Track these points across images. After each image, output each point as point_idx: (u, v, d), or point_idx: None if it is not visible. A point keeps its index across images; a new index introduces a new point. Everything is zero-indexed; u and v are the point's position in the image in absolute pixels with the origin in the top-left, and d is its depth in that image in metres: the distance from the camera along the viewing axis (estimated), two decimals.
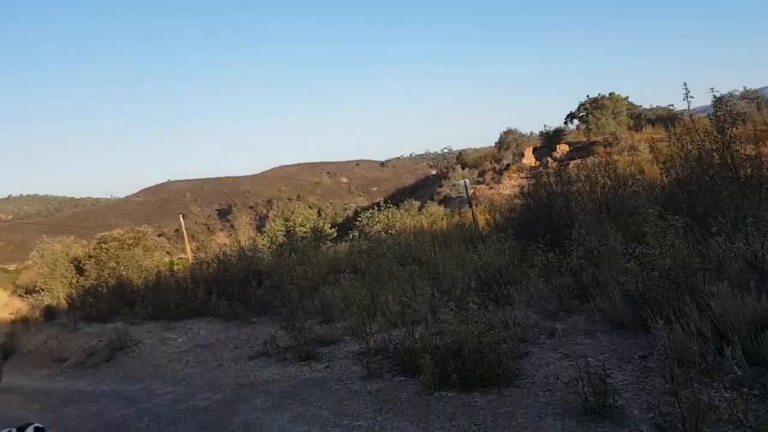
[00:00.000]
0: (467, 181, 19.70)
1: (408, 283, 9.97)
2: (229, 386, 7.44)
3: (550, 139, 49.49)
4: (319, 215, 40.86)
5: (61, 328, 13.61)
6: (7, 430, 5.14)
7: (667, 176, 10.21)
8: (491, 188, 45.15)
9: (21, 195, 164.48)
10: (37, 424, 5.19)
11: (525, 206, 11.78)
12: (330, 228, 29.11)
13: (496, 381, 5.45)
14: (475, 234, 15.53)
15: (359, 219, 31.24)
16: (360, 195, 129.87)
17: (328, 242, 22.73)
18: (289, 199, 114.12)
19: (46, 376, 10.87)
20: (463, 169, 58.23)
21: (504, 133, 55.51)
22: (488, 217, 18.53)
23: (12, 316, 19.02)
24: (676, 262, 5.97)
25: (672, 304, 5.64)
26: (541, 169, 12.41)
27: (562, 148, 46.15)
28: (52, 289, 22.09)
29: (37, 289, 25.88)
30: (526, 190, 12.23)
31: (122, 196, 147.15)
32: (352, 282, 11.33)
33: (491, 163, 53.28)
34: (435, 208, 38.37)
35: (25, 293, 31.23)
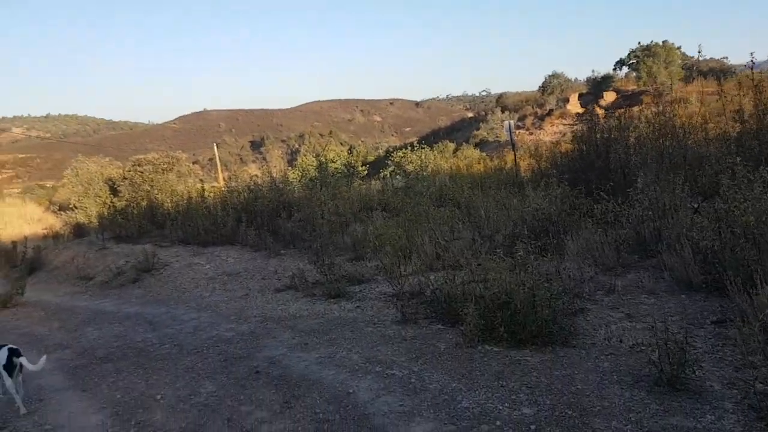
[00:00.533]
0: (512, 122, 18.63)
1: (445, 225, 9.39)
2: (255, 318, 7.06)
3: (598, 85, 47.26)
4: (350, 153, 40.13)
5: (90, 246, 13.47)
6: None
7: (740, 125, 9.31)
8: (531, 134, 43.69)
9: (59, 114, 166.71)
10: (11, 346, 4.79)
11: (577, 152, 10.97)
12: (361, 166, 28.57)
13: (550, 339, 4.89)
14: (516, 179, 14.82)
15: (392, 158, 30.57)
16: (393, 135, 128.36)
17: (358, 180, 22.19)
18: (321, 135, 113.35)
19: (71, 294, 10.74)
20: (502, 112, 56.32)
21: (549, 76, 52.76)
22: (531, 162, 17.67)
23: (44, 231, 19.19)
24: (761, 218, 5.24)
25: (753, 266, 4.95)
26: (587, 116, 11.45)
27: (609, 96, 44.16)
28: (86, 207, 22.26)
29: (70, 206, 26.16)
30: (579, 134, 11.37)
31: (159, 122, 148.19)
32: (386, 220, 10.82)
33: (533, 107, 51.36)
34: (470, 151, 37.36)
35: (59, 210, 31.76)
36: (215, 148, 50.55)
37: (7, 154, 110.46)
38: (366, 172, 27.43)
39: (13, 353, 4.69)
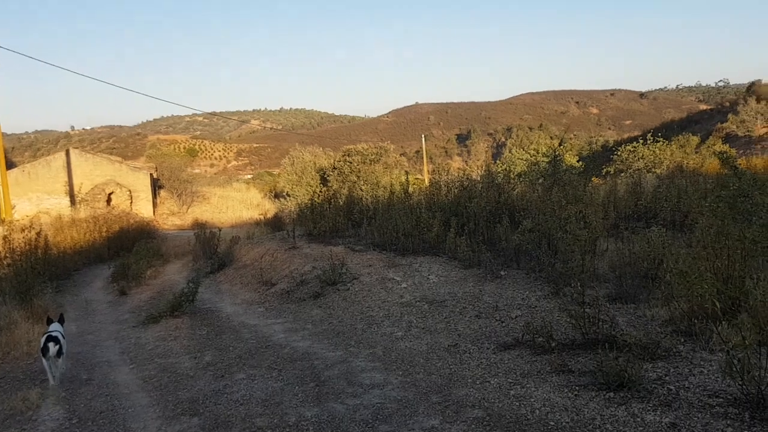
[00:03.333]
0: None
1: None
2: (472, 411, 4.13)
3: None
4: (561, 146, 36.10)
5: (281, 244, 11.90)
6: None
7: None
8: None
9: (291, 108, 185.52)
10: (52, 333, 5.67)
11: None
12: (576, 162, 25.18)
13: None
14: None
15: (617, 152, 26.91)
16: (610, 128, 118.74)
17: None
18: (530, 128, 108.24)
19: (248, 303, 9.02)
20: (757, 102, 47.78)
21: None
22: None
23: (260, 217, 19.34)
24: None
25: None
26: None
27: None
28: (298, 195, 22.22)
29: (284, 194, 26.64)
30: None
31: (374, 115, 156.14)
32: (667, 239, 7.09)
33: None
34: (718, 147, 31.06)
35: (274, 197, 33.19)
36: (423, 140, 49.57)
37: (245, 144, 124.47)
38: (582, 168, 24.04)
39: (50, 339, 5.59)
